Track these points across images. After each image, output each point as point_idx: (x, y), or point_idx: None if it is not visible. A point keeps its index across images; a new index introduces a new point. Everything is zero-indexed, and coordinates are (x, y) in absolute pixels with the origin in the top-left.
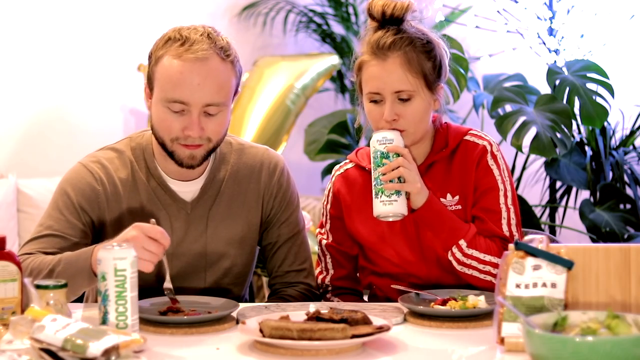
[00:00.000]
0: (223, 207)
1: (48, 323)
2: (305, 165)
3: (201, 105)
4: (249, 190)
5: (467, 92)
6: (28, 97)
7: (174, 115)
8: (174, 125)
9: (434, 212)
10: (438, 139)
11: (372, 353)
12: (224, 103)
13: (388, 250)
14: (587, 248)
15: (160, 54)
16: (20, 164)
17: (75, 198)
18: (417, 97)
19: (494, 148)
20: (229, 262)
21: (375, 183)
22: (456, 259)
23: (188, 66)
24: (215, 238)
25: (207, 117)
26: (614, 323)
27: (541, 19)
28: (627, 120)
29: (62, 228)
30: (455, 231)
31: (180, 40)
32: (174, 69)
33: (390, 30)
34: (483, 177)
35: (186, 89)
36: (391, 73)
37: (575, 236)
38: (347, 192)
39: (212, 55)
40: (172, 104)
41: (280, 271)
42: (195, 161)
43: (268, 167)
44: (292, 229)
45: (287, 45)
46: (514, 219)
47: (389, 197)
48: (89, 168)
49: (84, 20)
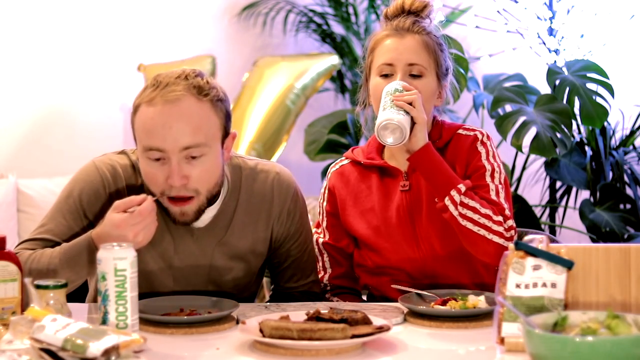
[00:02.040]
0: (234, 236)
1: (48, 323)
2: (305, 165)
3: (178, 150)
4: (260, 218)
5: (467, 92)
6: (28, 97)
7: (156, 166)
8: (157, 176)
9: (431, 156)
10: (433, 133)
11: (372, 353)
12: (205, 144)
13: (383, 243)
14: (587, 248)
15: (137, 102)
16: (20, 164)
17: (80, 203)
18: (428, 76)
19: (483, 137)
20: (232, 276)
21: (384, 103)
22: (454, 202)
23: (158, 110)
24: (221, 256)
25: (190, 163)
26: (614, 323)
27: (541, 19)
28: (627, 120)
29: (61, 234)
30: (452, 177)
31: (154, 85)
32: (146, 115)
33: (410, 16)
34: (471, 160)
35: (158, 134)
36: (407, 47)
37: (575, 236)
38: (342, 187)
39: (184, 96)
40: (149, 152)
41: (285, 287)
42: (188, 217)
43: (279, 194)
44: (301, 248)
45: (287, 45)
46: (503, 194)
47: (397, 111)
48: (100, 172)
49: (84, 20)
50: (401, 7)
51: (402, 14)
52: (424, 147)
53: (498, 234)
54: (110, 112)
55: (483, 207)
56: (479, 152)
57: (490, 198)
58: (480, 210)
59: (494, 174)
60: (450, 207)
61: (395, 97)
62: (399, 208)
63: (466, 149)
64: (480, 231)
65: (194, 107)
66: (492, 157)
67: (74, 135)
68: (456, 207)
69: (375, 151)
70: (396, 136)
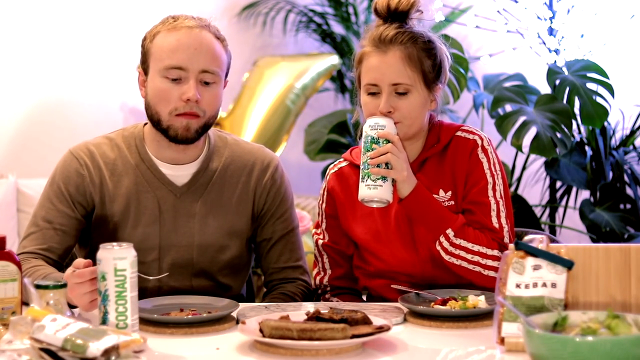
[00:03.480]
0: (213, 196)
1: (48, 323)
2: (305, 165)
3: (197, 71)
4: (241, 183)
5: (467, 92)
6: (28, 97)
7: (172, 84)
8: (172, 94)
9: (420, 201)
10: (430, 136)
11: (372, 353)
12: (217, 73)
13: (382, 248)
14: (587, 248)
15: (155, 31)
16: (20, 164)
17: (64, 186)
18: (414, 92)
19: (484, 142)
20: (216, 253)
21: (363, 167)
22: (443, 248)
23: (183, 33)
24: (204, 227)
25: (203, 87)
26: (614, 323)
27: (541, 19)
28: (627, 120)
29: (54, 218)
30: (442, 221)
31: (174, 19)
32: (170, 38)
33: (393, 25)
34: (472, 170)
35: (183, 53)
36: (390, 66)
37: (575, 236)
38: (341, 190)
39: (205, 28)
40: (169, 70)
41: (276, 267)
42: (190, 133)
43: (262, 163)
44: (287, 226)
45: (287, 45)
46: (504, 211)
47: (374, 182)
48: (75, 154)
49: (84, 19)
50: (387, 6)
51: (388, 17)
52: (410, 194)
53: (493, 268)
54: (110, 112)
55: (476, 244)
56: (481, 161)
57: (489, 224)
58: (473, 249)
59: (496, 187)
60: (441, 252)
61: (370, 162)
62: (397, 213)
63: (467, 156)
64: (475, 268)
65: (213, 40)
66: (493, 166)
67: (74, 135)
68: (447, 252)
69: None
70: (382, 205)
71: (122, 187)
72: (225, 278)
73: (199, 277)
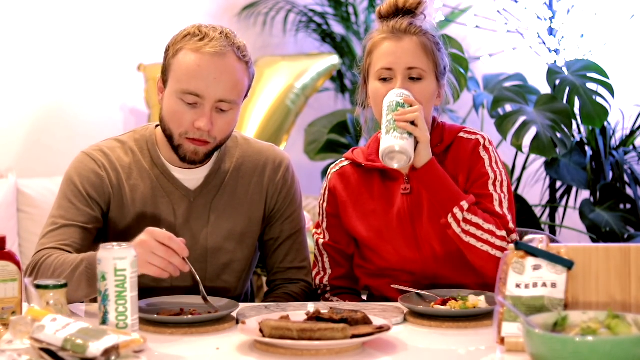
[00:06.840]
0: (226, 198)
1: (48, 323)
2: (305, 165)
3: (214, 100)
4: (253, 183)
5: (467, 92)
6: (28, 97)
7: (187, 108)
8: (185, 117)
9: (435, 172)
10: (434, 136)
11: (372, 353)
12: (235, 101)
13: (385, 246)
14: (587, 248)
15: (178, 47)
16: (20, 164)
17: (82, 185)
18: (427, 79)
19: (486, 142)
20: (228, 256)
21: (387, 124)
22: (457, 219)
23: (206, 60)
24: (217, 230)
25: (218, 114)
26: (614, 323)
27: (541, 19)
28: (627, 120)
29: (73, 216)
30: (455, 194)
31: (199, 35)
32: (191, 61)
33: (406, 17)
34: (474, 166)
35: (202, 81)
36: (406, 50)
37: (575, 236)
38: (343, 189)
39: (229, 53)
40: (186, 95)
41: (281, 267)
42: (198, 157)
43: (273, 163)
44: (295, 226)
45: (287, 45)
46: (506, 204)
47: (401, 134)
48: (91, 156)
49: (84, 20)
50: (395, 5)
51: (397, 14)
52: (427, 164)
53: (501, 249)
54: (110, 112)
55: (486, 222)
56: (482, 159)
57: (494, 210)
58: (484, 227)
59: (496, 182)
60: (453, 225)
61: (397, 117)
62: (400, 211)
63: (468, 154)
64: (484, 247)
65: (236, 65)
66: (495, 164)
67: (74, 135)
68: (459, 225)
69: (376, 153)
70: (401, 162)
71: (138, 192)
72: (232, 279)
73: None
